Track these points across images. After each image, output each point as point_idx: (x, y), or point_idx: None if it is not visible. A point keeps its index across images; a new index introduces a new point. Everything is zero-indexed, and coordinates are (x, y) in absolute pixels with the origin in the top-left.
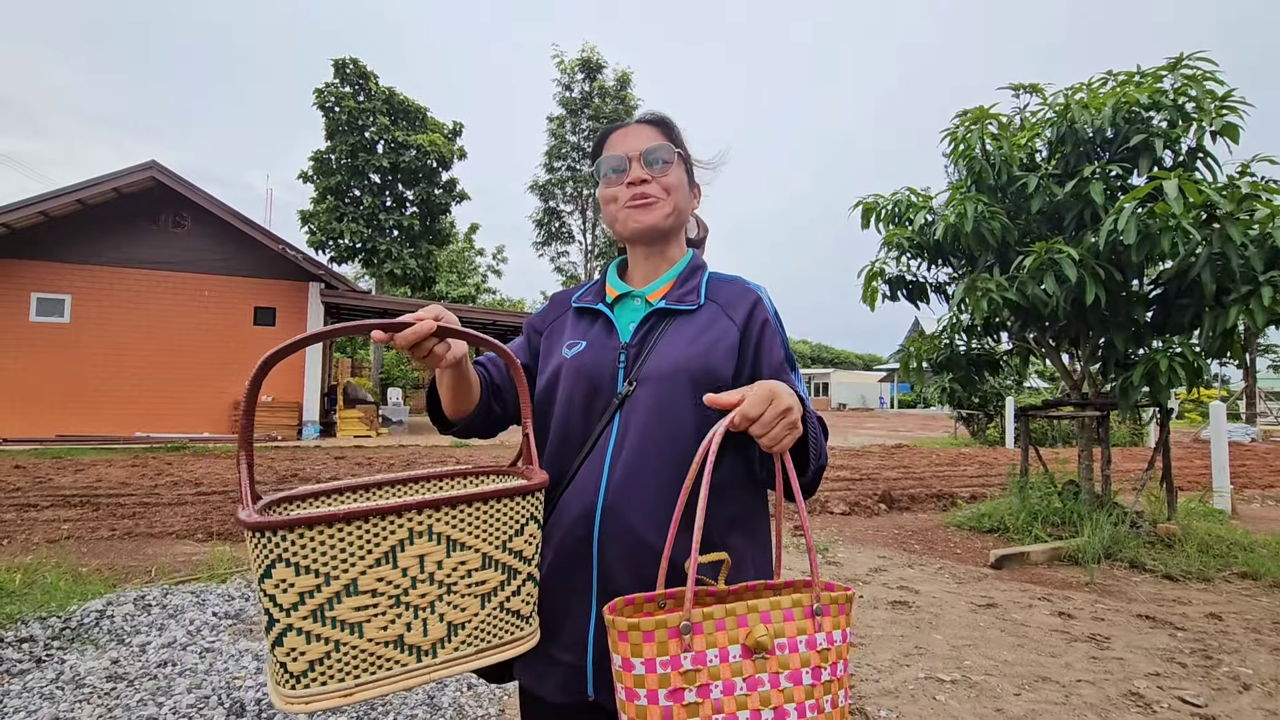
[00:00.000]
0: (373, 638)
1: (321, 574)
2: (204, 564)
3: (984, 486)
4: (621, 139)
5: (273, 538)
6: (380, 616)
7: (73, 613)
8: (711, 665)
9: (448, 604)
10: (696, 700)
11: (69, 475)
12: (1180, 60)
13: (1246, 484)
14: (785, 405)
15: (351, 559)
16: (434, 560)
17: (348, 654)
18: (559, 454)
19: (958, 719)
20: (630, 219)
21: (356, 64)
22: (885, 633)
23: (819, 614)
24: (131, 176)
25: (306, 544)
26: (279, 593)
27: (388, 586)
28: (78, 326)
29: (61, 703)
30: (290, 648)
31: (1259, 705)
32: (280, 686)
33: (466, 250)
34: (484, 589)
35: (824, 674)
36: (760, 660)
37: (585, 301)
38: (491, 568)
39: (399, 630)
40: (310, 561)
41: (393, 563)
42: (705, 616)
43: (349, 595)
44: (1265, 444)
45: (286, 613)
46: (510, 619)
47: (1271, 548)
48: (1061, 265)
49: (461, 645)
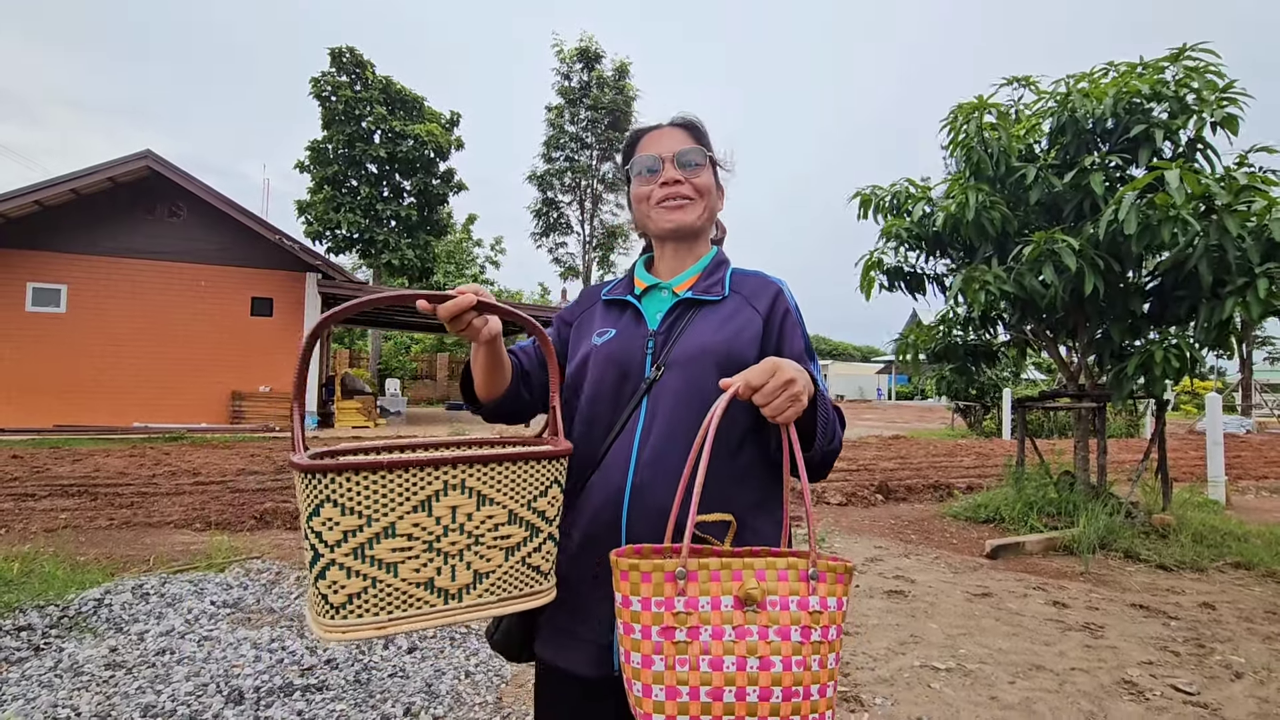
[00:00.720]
0: (406, 578)
1: (364, 515)
2: (202, 553)
3: (980, 477)
4: (655, 140)
5: (323, 479)
6: (414, 559)
7: (71, 601)
8: (703, 611)
9: (475, 553)
10: (686, 640)
11: (66, 465)
12: (1183, 51)
13: (1241, 475)
14: (787, 377)
15: (392, 504)
16: (464, 512)
17: (383, 590)
18: (587, 437)
19: (952, 707)
20: (664, 218)
21: (353, 53)
22: (881, 621)
23: (814, 579)
24: (126, 166)
25: (353, 487)
26: (325, 530)
27: (422, 532)
28: (74, 316)
29: (60, 690)
30: (332, 581)
31: (1251, 693)
32: (320, 617)
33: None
34: (508, 543)
35: (814, 634)
36: (751, 613)
37: (615, 294)
38: (516, 524)
39: (430, 573)
40: (355, 503)
41: (428, 511)
42: (700, 566)
43: (387, 537)
44: (1260, 436)
45: (330, 549)
46: (530, 573)
47: (1265, 538)
48: (1061, 255)
49: (485, 593)
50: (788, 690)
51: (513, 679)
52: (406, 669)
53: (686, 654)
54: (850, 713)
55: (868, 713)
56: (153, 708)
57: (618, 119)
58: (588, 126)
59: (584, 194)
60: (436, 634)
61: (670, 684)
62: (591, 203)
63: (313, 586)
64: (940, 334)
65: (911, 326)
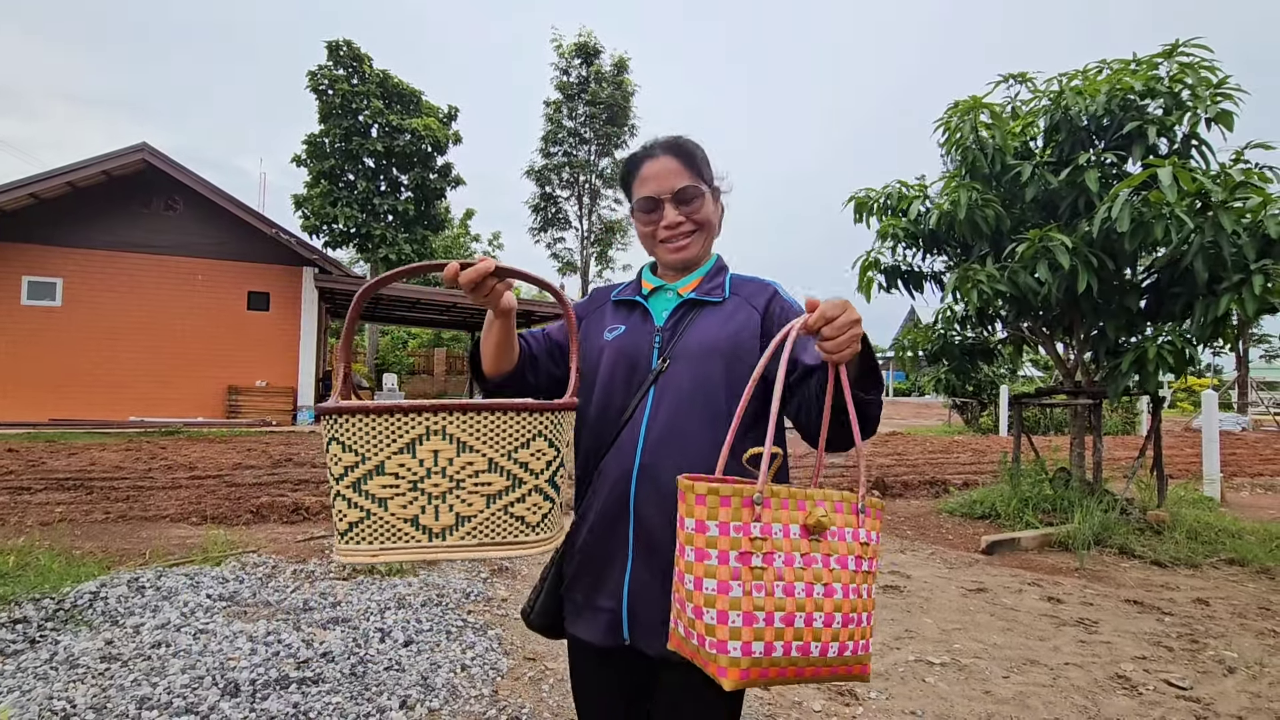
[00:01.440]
0: (395, 513)
1: (359, 453)
2: (198, 547)
3: (976, 474)
4: (651, 174)
5: (330, 420)
6: (400, 497)
7: (66, 594)
8: (776, 538)
9: (456, 497)
10: (762, 566)
11: (62, 459)
12: (1176, 47)
13: (1236, 472)
14: (857, 316)
15: (380, 445)
16: (445, 457)
17: (376, 523)
18: (599, 423)
19: (947, 701)
20: (669, 256)
21: (350, 46)
22: (876, 616)
23: (862, 512)
24: (122, 159)
25: (350, 428)
26: (333, 464)
27: (407, 473)
28: (69, 310)
29: (55, 683)
30: (338, 510)
31: (1243, 688)
32: (337, 543)
33: (462, 236)
34: (489, 490)
35: (864, 565)
36: (815, 541)
37: (624, 295)
38: (496, 472)
39: (414, 511)
40: (352, 442)
41: (412, 453)
42: (773, 494)
43: (377, 474)
44: (1256, 433)
45: (336, 480)
46: (514, 522)
47: (1259, 535)
48: (1055, 253)
49: (466, 535)
50: (846, 616)
51: (509, 673)
52: (402, 662)
53: (763, 580)
54: (845, 706)
55: (862, 706)
56: (148, 700)
57: (616, 114)
58: (586, 122)
59: (582, 189)
60: (432, 628)
61: (748, 609)
62: (590, 198)
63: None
64: (937, 333)
65: (909, 327)
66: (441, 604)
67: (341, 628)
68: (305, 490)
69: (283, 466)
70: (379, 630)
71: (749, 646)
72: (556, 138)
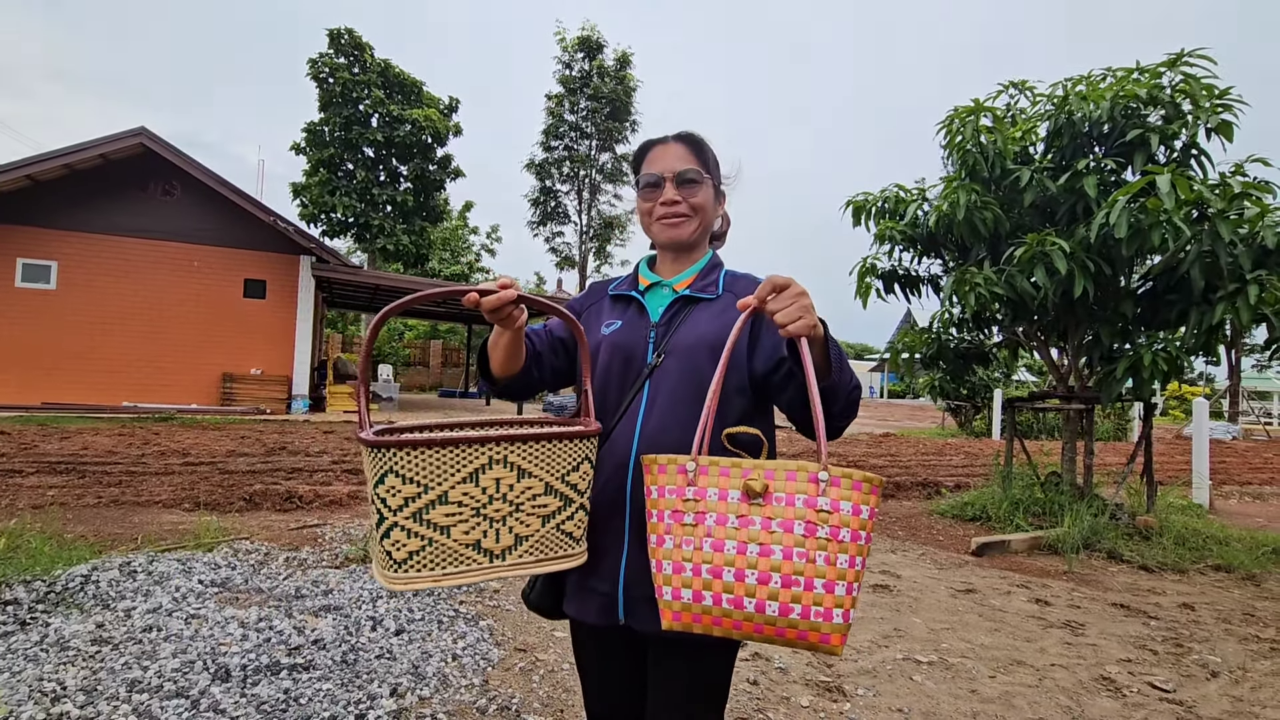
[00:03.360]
0: (457, 539)
1: (421, 484)
2: (191, 533)
3: (968, 476)
4: (660, 156)
5: (387, 453)
6: (464, 523)
7: (58, 577)
8: (709, 499)
9: (516, 520)
10: (693, 523)
11: (55, 442)
12: (1180, 57)
13: (1225, 480)
14: (801, 290)
15: (445, 476)
16: (507, 484)
17: (438, 549)
18: (597, 416)
19: (933, 699)
20: (662, 233)
21: (351, 34)
22: (865, 615)
23: (824, 482)
24: (120, 143)
25: (412, 461)
26: (389, 496)
27: (470, 500)
28: (64, 294)
29: (46, 664)
30: (395, 540)
31: (1225, 692)
32: (385, 570)
33: (460, 228)
34: (545, 511)
35: (820, 531)
36: (755, 505)
37: (621, 290)
38: (552, 495)
39: (477, 536)
40: (414, 474)
41: (476, 482)
42: (711, 463)
43: (441, 504)
44: (1246, 442)
45: (394, 512)
46: (564, 538)
47: (1246, 542)
48: (1052, 257)
49: (524, 554)
50: (787, 578)
51: (499, 663)
52: (394, 650)
53: (692, 535)
54: (832, 702)
55: (850, 702)
56: (139, 683)
57: (618, 109)
58: (588, 116)
59: (582, 184)
60: (424, 617)
61: (677, 560)
62: (589, 193)
63: (378, 545)
64: (932, 337)
65: (905, 330)
66: (433, 594)
67: (333, 615)
68: (299, 479)
69: (276, 455)
70: (371, 618)
71: (678, 592)
72: (558, 131)
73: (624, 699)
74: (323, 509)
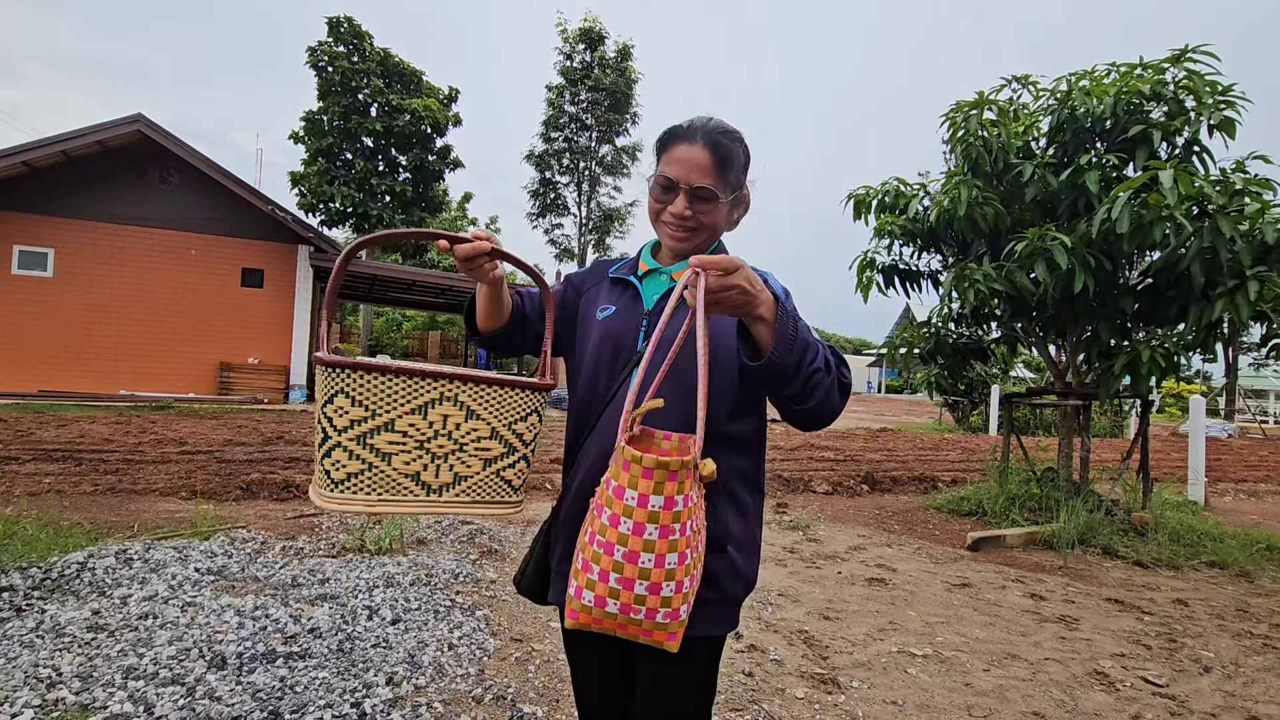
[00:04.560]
0: (397, 468)
1: (370, 409)
2: (187, 521)
3: (965, 471)
4: (683, 158)
5: (340, 374)
6: (406, 453)
7: (53, 564)
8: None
9: (457, 458)
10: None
11: (51, 430)
12: (1184, 53)
13: (1221, 478)
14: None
15: (394, 404)
16: (454, 422)
17: (377, 475)
18: (586, 403)
19: (928, 692)
20: (668, 240)
21: (351, 23)
22: (861, 608)
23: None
24: (117, 129)
25: (365, 384)
26: (336, 416)
27: (415, 432)
28: (61, 281)
29: (41, 650)
30: (336, 460)
31: (1218, 687)
32: (322, 489)
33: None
34: (487, 454)
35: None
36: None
37: (620, 273)
38: (496, 439)
39: (417, 468)
40: (364, 398)
41: (423, 415)
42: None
43: (386, 431)
44: (1242, 440)
45: (339, 432)
46: (503, 485)
47: (1240, 539)
48: (1053, 252)
49: (461, 494)
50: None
51: (495, 653)
52: (390, 639)
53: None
54: (827, 695)
55: (844, 694)
56: (135, 670)
57: (619, 101)
58: (588, 108)
59: (582, 176)
60: (421, 607)
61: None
62: (589, 185)
63: (319, 464)
64: (931, 332)
65: (904, 325)
66: (430, 584)
67: (329, 604)
68: (296, 468)
69: (274, 444)
70: (367, 608)
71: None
72: (558, 123)
73: (612, 688)
74: None
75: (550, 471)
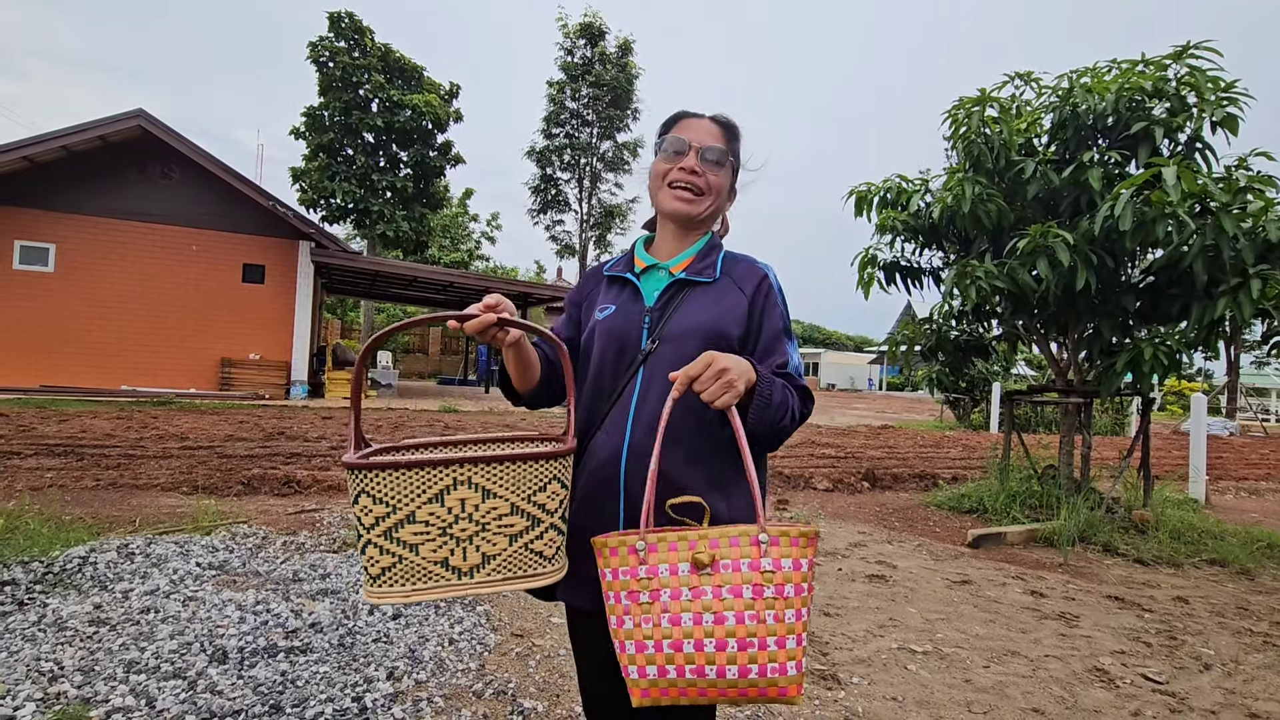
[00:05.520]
0: (425, 556)
1: (390, 505)
2: (188, 516)
3: (966, 469)
4: (692, 126)
5: (360, 475)
6: (431, 541)
7: (55, 558)
8: (662, 576)
9: (482, 539)
10: (649, 601)
11: (53, 425)
12: (1186, 49)
13: (1222, 476)
14: (721, 367)
15: (411, 497)
16: (472, 504)
17: (408, 566)
18: (592, 402)
19: (927, 688)
20: (672, 202)
21: (352, 18)
22: (861, 605)
23: (765, 543)
24: (118, 124)
25: (381, 483)
26: (363, 515)
27: (437, 520)
28: (62, 276)
29: (43, 644)
30: (370, 556)
31: (1218, 684)
32: (366, 584)
33: (460, 215)
34: (511, 530)
35: (766, 591)
36: (705, 575)
37: (616, 271)
38: (518, 515)
39: (444, 554)
40: (382, 495)
41: (441, 502)
42: (659, 539)
43: (409, 523)
44: (1243, 438)
45: (368, 530)
46: (533, 557)
47: (1241, 537)
48: (1055, 249)
49: (492, 572)
50: (742, 641)
51: (496, 648)
52: (390, 634)
53: (650, 613)
54: (828, 690)
55: (844, 690)
56: (137, 664)
57: (619, 97)
58: (589, 104)
59: (583, 172)
60: (421, 603)
61: (639, 639)
62: (590, 181)
63: (361, 559)
64: (932, 329)
65: (905, 322)
66: None
67: (331, 599)
68: (297, 464)
69: (275, 440)
70: (367, 603)
71: (644, 670)
72: (559, 119)
73: (617, 682)
74: (321, 494)
75: None
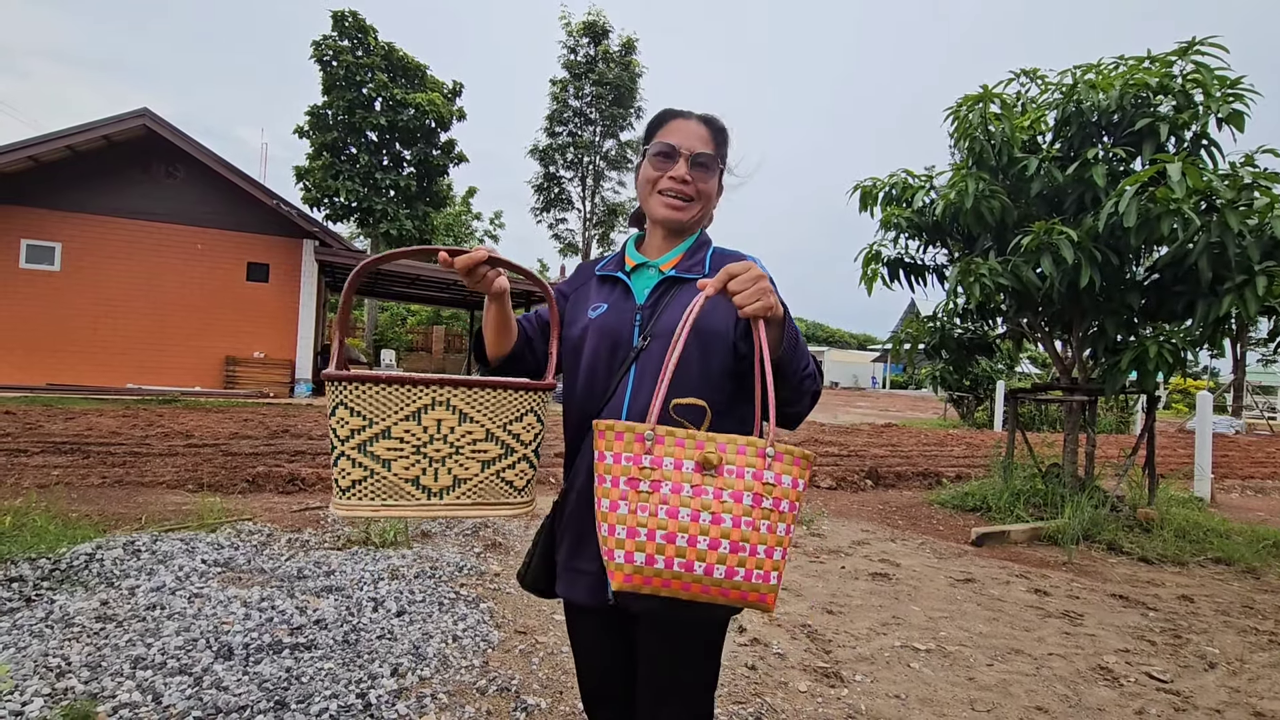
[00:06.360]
0: (397, 473)
1: (367, 418)
2: (194, 513)
3: (969, 467)
4: (680, 129)
5: (339, 387)
6: (404, 459)
7: (62, 555)
8: (665, 468)
9: (455, 461)
10: (648, 490)
11: (59, 423)
12: (1192, 45)
13: (1227, 474)
14: (760, 273)
15: (388, 412)
16: (448, 426)
17: (379, 481)
18: (585, 399)
19: (930, 686)
20: (661, 210)
21: (355, 17)
22: (865, 603)
23: (770, 457)
24: (123, 124)
25: (360, 395)
26: (338, 427)
27: (411, 438)
28: (68, 275)
29: (51, 640)
30: (342, 468)
31: (1223, 683)
32: (334, 497)
33: (463, 214)
34: (484, 456)
35: (765, 502)
36: (709, 476)
37: (607, 270)
38: (492, 441)
39: (416, 472)
40: (360, 408)
41: (417, 421)
42: (668, 434)
43: (384, 438)
44: (1248, 436)
45: (342, 442)
46: (504, 485)
47: (1246, 535)
48: (1059, 246)
49: (462, 496)
50: (735, 544)
51: (499, 645)
52: (395, 631)
53: (648, 502)
54: (830, 688)
55: (847, 688)
56: (143, 660)
57: (623, 96)
58: (592, 102)
59: (586, 170)
60: (425, 599)
61: (631, 525)
62: (593, 179)
63: (332, 472)
64: (936, 327)
65: (909, 320)
66: (435, 576)
67: (335, 596)
68: (301, 461)
69: (279, 438)
70: (372, 600)
71: (631, 555)
72: (562, 117)
73: (616, 677)
74: (325, 491)
75: (553, 466)
